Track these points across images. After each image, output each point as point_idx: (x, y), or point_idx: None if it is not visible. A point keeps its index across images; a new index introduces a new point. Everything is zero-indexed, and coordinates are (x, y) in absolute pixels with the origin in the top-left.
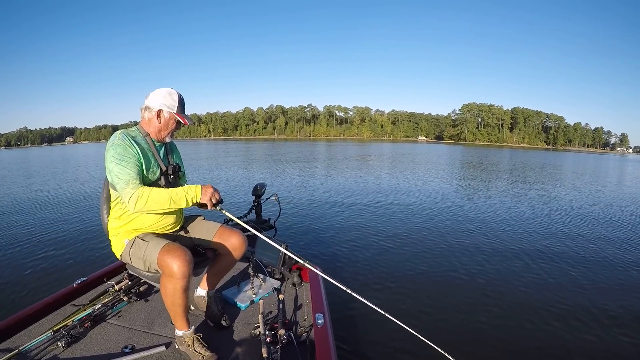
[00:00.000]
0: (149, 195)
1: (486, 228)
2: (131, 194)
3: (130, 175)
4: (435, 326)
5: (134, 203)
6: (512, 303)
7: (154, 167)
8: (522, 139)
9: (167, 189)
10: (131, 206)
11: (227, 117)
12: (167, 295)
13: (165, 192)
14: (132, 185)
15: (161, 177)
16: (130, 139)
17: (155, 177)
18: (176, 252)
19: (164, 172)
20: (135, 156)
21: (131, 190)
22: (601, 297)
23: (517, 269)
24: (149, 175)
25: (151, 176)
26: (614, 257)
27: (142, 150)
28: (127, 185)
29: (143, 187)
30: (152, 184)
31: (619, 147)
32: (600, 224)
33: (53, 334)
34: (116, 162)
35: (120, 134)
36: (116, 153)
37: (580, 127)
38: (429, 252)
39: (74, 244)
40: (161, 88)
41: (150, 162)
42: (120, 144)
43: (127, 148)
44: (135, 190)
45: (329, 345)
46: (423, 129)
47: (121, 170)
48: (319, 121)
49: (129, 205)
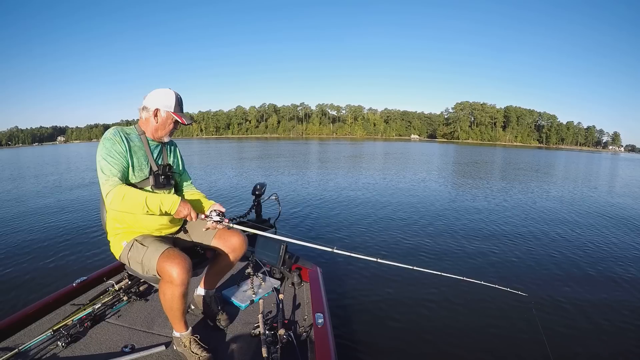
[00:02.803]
0: (125, 194)
1: (490, 224)
2: (109, 190)
3: (112, 172)
4: (435, 326)
5: (110, 199)
6: (512, 302)
7: (142, 166)
8: (515, 137)
9: (145, 193)
10: (107, 201)
11: (220, 115)
12: (166, 300)
13: (142, 196)
14: (111, 182)
15: (150, 176)
16: (122, 136)
17: (143, 176)
18: (176, 259)
19: (155, 172)
20: (122, 153)
21: (110, 187)
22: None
23: (520, 270)
24: (135, 174)
25: (138, 175)
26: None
27: (132, 148)
28: (107, 181)
29: (122, 185)
30: (140, 183)
31: (611, 145)
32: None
33: (53, 334)
34: (103, 156)
35: (114, 130)
36: (105, 147)
37: (572, 125)
38: (429, 252)
39: (74, 243)
40: (159, 88)
41: (139, 161)
42: (110, 139)
43: (116, 144)
44: (113, 188)
45: (328, 345)
46: (416, 128)
47: (105, 165)
48: (312, 120)
49: (106, 200)
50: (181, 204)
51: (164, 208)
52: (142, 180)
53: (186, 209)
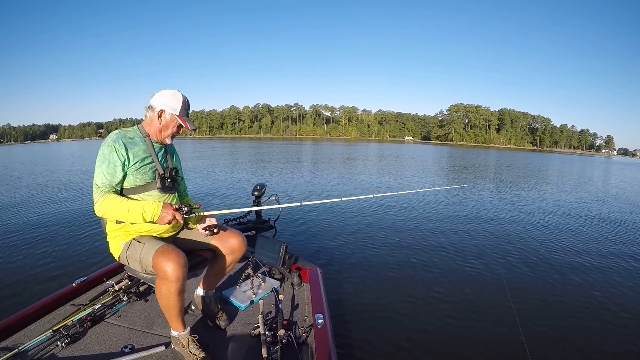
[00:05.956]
0: (109, 203)
1: (487, 227)
2: (97, 199)
3: (102, 181)
4: (435, 326)
5: (97, 208)
6: (513, 303)
7: (147, 168)
8: (509, 140)
9: (129, 203)
10: (95, 208)
11: (213, 115)
12: (162, 297)
13: (125, 205)
14: (100, 189)
15: (156, 179)
16: (123, 142)
17: (149, 179)
18: (170, 254)
19: (161, 175)
20: (116, 162)
21: (97, 196)
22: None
23: (522, 272)
24: (139, 176)
25: (142, 177)
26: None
27: (136, 152)
28: (97, 188)
29: (108, 195)
30: (145, 186)
31: (605, 149)
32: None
33: (52, 334)
34: (99, 162)
35: (115, 135)
36: (102, 154)
37: (566, 128)
38: (429, 252)
39: (74, 243)
40: (167, 89)
41: (144, 163)
42: (109, 146)
43: (113, 152)
44: (100, 197)
45: (328, 345)
46: (410, 129)
47: (98, 174)
48: (306, 120)
49: (95, 207)
50: (163, 210)
51: (147, 217)
52: (148, 183)
53: (169, 214)
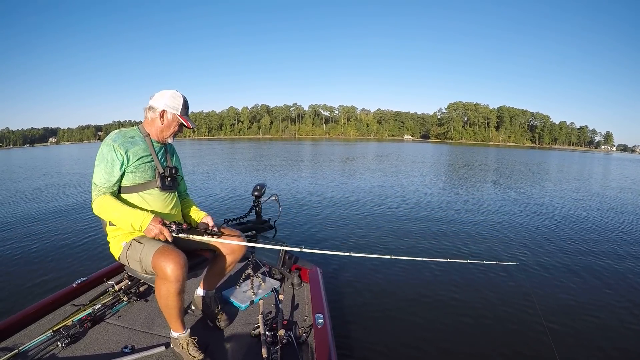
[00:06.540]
0: (104, 205)
1: (496, 226)
2: (94, 198)
3: (100, 180)
4: (436, 325)
5: (94, 206)
6: (512, 303)
7: (147, 167)
8: (508, 137)
9: (122, 208)
10: (93, 208)
11: (212, 116)
12: (161, 297)
13: (117, 211)
14: (97, 189)
15: (156, 178)
16: (122, 142)
17: (148, 177)
18: (170, 255)
19: (161, 173)
20: (115, 162)
21: (95, 195)
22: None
23: (525, 272)
24: (139, 175)
25: (142, 176)
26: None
27: (136, 151)
28: (94, 188)
29: (104, 196)
30: (145, 185)
31: (604, 145)
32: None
33: (53, 334)
34: (97, 162)
35: (115, 135)
36: (101, 153)
37: (565, 125)
38: (430, 252)
39: (74, 244)
40: (166, 90)
41: (144, 162)
42: (108, 145)
43: (112, 151)
44: (97, 197)
45: (328, 345)
46: (409, 128)
47: (97, 173)
48: (304, 120)
49: (92, 205)
50: (152, 222)
51: (135, 226)
52: (148, 182)
53: (157, 228)
